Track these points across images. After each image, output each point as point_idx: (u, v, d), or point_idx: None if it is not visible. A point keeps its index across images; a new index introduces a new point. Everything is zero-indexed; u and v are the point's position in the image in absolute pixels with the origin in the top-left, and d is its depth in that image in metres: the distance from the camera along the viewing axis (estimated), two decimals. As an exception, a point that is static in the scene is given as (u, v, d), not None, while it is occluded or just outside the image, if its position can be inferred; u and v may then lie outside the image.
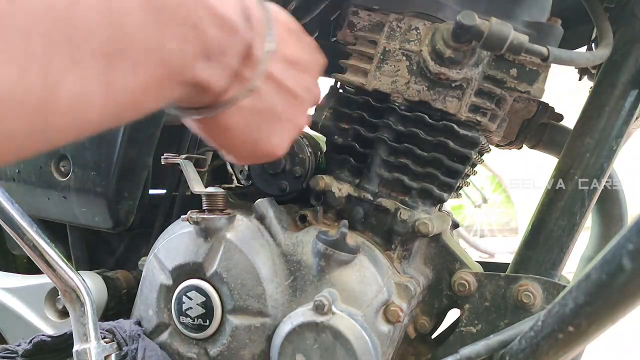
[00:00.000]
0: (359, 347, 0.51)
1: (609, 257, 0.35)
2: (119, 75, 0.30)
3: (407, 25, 0.57)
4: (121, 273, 0.77)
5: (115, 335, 0.57)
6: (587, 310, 0.38)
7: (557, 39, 0.57)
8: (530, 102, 0.74)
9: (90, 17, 0.27)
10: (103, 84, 0.29)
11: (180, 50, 0.34)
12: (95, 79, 0.28)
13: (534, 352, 0.45)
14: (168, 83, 0.34)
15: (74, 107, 0.28)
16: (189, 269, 0.58)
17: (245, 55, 0.40)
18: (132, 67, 0.30)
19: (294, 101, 0.47)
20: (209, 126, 0.45)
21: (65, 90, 0.27)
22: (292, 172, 0.62)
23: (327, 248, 0.54)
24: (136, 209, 0.73)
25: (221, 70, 0.39)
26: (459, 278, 0.60)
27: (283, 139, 0.49)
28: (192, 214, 0.57)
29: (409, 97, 0.57)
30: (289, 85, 0.46)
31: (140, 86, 0.32)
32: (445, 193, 0.59)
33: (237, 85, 0.41)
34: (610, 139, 0.61)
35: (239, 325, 0.56)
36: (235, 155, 0.49)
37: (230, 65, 0.39)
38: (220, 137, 0.46)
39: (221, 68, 0.39)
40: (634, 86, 0.61)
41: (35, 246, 0.52)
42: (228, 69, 0.39)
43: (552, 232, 0.62)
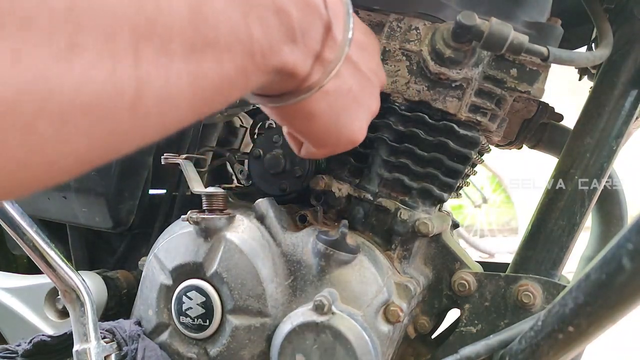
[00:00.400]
0: (359, 347, 0.51)
1: (609, 257, 0.35)
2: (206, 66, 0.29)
3: (407, 25, 0.57)
4: (121, 273, 0.77)
5: (115, 335, 0.57)
6: (587, 310, 0.38)
7: (557, 39, 0.57)
8: (530, 102, 0.74)
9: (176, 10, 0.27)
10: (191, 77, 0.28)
11: (265, 35, 0.33)
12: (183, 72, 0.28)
13: (534, 352, 0.45)
14: (254, 70, 0.33)
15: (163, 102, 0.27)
16: (189, 269, 0.58)
17: (326, 36, 0.39)
18: (218, 57, 0.30)
19: (368, 84, 0.47)
20: (292, 113, 0.43)
21: (154, 86, 0.26)
22: (292, 172, 0.62)
23: (327, 248, 0.54)
24: (136, 208, 0.73)
25: (305, 54, 0.38)
26: (459, 278, 0.60)
27: (363, 123, 0.48)
28: (192, 214, 0.57)
29: (409, 97, 0.57)
30: (362, 68, 0.45)
31: (226, 76, 0.31)
32: (445, 193, 0.59)
33: (320, 69, 0.40)
34: (610, 139, 0.61)
35: (239, 325, 0.56)
36: (319, 143, 0.47)
37: (313, 47, 0.38)
38: (305, 124, 0.44)
39: (304, 51, 0.38)
40: (634, 86, 0.61)
41: (35, 246, 0.52)
42: (312, 51, 0.38)
43: (552, 232, 0.62)
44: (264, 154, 0.63)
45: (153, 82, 0.26)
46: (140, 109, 0.26)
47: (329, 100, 0.43)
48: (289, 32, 0.35)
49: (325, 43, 0.40)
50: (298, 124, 0.45)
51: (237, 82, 0.32)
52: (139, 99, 0.25)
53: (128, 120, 0.25)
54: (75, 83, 0.22)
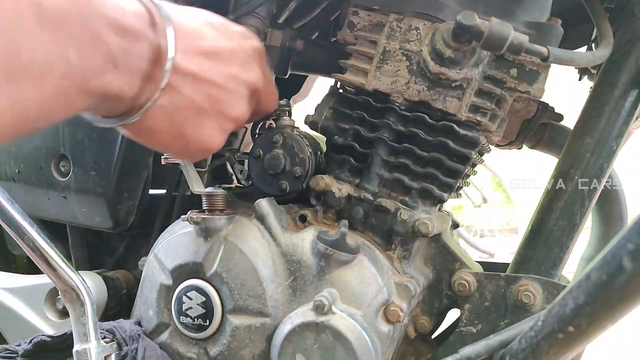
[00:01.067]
0: (359, 347, 0.51)
1: (609, 257, 0.35)
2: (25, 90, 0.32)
3: (407, 25, 0.57)
4: (121, 273, 0.77)
5: (115, 335, 0.57)
6: (587, 310, 0.38)
7: (557, 39, 0.57)
8: (530, 102, 0.74)
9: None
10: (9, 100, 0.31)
11: (82, 61, 0.35)
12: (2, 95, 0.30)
13: (534, 352, 0.45)
14: (75, 93, 0.36)
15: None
16: (189, 269, 0.58)
17: (155, 57, 0.41)
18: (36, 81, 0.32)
19: (220, 92, 0.47)
20: (135, 131, 0.45)
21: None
22: (292, 172, 0.62)
23: (327, 248, 0.54)
24: (136, 209, 0.73)
25: (130, 77, 0.39)
26: (459, 278, 0.60)
27: (215, 132, 0.49)
28: (192, 214, 0.57)
29: (409, 97, 0.57)
30: (209, 78, 0.46)
31: (46, 98, 0.33)
32: (445, 193, 0.59)
33: (151, 87, 0.42)
34: (610, 139, 0.61)
35: (239, 325, 0.56)
36: (170, 153, 0.50)
37: (140, 69, 0.40)
38: (149, 139, 0.46)
39: (130, 74, 0.39)
40: (634, 86, 0.61)
41: (35, 246, 0.52)
42: (138, 73, 0.40)
43: (552, 232, 0.62)
44: (264, 154, 0.63)
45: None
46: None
47: (167, 114, 0.44)
48: (108, 58, 0.37)
49: (155, 63, 0.41)
50: (144, 139, 0.47)
51: (59, 104, 0.35)
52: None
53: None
54: None
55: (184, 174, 0.61)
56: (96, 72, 0.36)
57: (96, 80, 0.37)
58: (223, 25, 0.50)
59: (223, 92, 0.48)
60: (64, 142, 0.72)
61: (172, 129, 0.46)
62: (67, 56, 0.34)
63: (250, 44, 0.52)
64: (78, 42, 0.34)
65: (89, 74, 0.36)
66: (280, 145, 0.63)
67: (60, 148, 0.72)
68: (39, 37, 0.32)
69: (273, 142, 0.63)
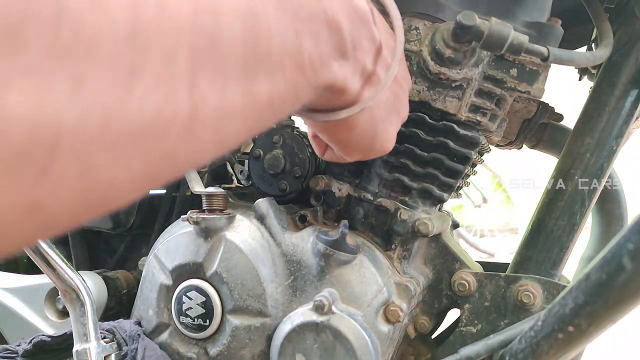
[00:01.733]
0: (359, 347, 0.51)
1: (609, 257, 0.35)
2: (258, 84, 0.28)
3: (407, 25, 0.57)
4: (121, 273, 0.77)
5: (115, 335, 0.57)
6: (587, 310, 0.38)
7: (557, 39, 0.57)
8: (530, 102, 0.74)
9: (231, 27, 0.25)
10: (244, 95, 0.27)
11: (316, 49, 0.31)
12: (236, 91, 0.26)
13: (534, 352, 0.45)
14: (304, 85, 0.32)
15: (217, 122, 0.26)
16: (189, 269, 0.58)
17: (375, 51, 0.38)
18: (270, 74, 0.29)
19: (400, 91, 0.47)
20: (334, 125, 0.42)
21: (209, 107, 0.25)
22: (292, 172, 0.62)
23: (327, 248, 0.54)
24: (136, 209, 0.73)
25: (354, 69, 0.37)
26: (459, 278, 0.60)
27: (394, 131, 0.48)
28: (192, 214, 0.57)
29: (409, 97, 0.57)
30: (397, 77, 0.45)
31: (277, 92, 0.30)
32: (445, 193, 0.59)
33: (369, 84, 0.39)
34: (610, 139, 0.61)
35: (239, 325, 0.56)
36: (352, 151, 0.47)
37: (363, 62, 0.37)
38: (344, 134, 0.44)
39: (354, 66, 0.36)
40: (634, 86, 0.61)
41: (36, 246, 0.52)
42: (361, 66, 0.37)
43: (552, 232, 0.62)
44: (264, 154, 0.63)
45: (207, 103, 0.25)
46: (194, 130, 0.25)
47: (371, 112, 0.42)
48: (340, 45, 0.34)
49: (376, 59, 0.39)
50: (338, 134, 0.44)
51: (288, 98, 0.31)
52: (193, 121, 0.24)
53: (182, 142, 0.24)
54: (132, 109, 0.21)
55: (184, 174, 0.61)
56: (327, 61, 0.33)
57: (325, 72, 0.33)
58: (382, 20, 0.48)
59: (402, 92, 0.47)
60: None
61: (370, 126, 0.43)
62: (302, 45, 0.30)
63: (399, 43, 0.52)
64: (314, 28, 0.31)
65: (320, 64, 0.32)
66: (280, 146, 0.63)
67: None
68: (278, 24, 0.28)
69: (273, 142, 0.63)
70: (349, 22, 0.34)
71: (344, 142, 0.45)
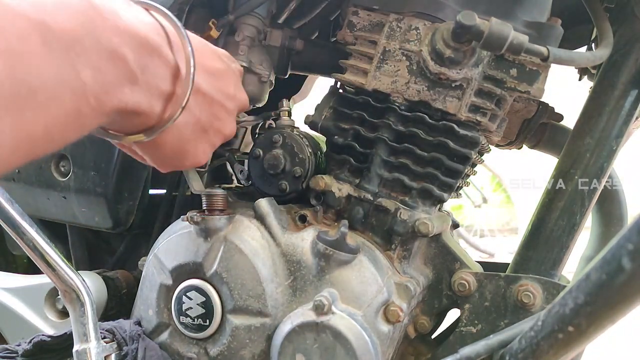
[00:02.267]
0: (359, 347, 0.51)
1: (609, 257, 0.35)
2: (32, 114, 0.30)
3: (407, 25, 0.57)
4: (121, 273, 0.77)
5: (115, 335, 0.57)
6: (587, 310, 0.38)
7: (557, 39, 0.57)
8: (530, 102, 0.74)
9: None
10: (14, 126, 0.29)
11: (97, 80, 0.34)
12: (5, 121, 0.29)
13: (534, 352, 0.45)
14: (90, 113, 0.34)
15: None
16: (189, 269, 0.58)
17: (173, 73, 0.41)
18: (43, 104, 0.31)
19: (220, 110, 0.49)
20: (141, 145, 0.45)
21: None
22: (292, 172, 0.62)
23: (327, 248, 0.54)
24: (136, 209, 0.73)
25: (149, 92, 0.39)
26: (459, 278, 0.60)
27: (208, 148, 0.50)
28: (192, 214, 0.57)
29: (409, 97, 0.57)
30: (213, 95, 0.47)
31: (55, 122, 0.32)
32: (445, 193, 0.59)
33: (169, 105, 0.41)
34: (610, 139, 0.61)
35: (239, 325, 0.56)
36: (161, 166, 0.50)
37: (158, 85, 0.40)
38: (151, 152, 0.47)
39: (149, 90, 0.39)
40: (634, 86, 0.61)
41: (35, 246, 0.52)
42: (156, 89, 0.40)
43: (552, 232, 0.62)
44: (264, 154, 0.63)
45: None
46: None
47: (179, 133, 0.45)
48: (127, 74, 0.36)
49: (173, 80, 0.41)
50: (145, 152, 0.47)
51: (71, 125, 0.34)
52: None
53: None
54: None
55: (184, 174, 0.61)
56: (112, 89, 0.35)
57: (113, 98, 0.36)
58: (214, 47, 0.51)
59: (221, 110, 0.49)
60: (64, 142, 0.72)
61: (177, 146, 0.46)
62: (80, 76, 0.33)
63: (237, 67, 0.55)
64: (92, 60, 0.33)
65: (105, 92, 0.35)
66: (280, 145, 0.63)
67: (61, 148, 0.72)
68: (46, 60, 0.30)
69: (273, 142, 0.63)
70: (134, 53, 0.36)
71: (153, 158, 0.48)
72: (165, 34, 0.41)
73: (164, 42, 0.40)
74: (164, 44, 0.40)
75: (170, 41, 0.41)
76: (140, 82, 0.38)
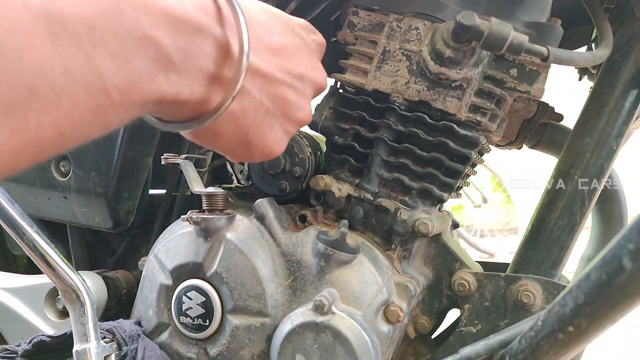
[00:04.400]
0: (358, 347, 0.51)
1: (609, 257, 0.35)
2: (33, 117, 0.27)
3: (407, 25, 0.57)
4: (121, 273, 0.77)
5: (115, 335, 0.57)
6: (587, 310, 0.38)
7: (557, 39, 0.57)
8: (530, 102, 0.74)
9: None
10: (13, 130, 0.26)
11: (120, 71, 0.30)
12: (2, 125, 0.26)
13: (534, 352, 0.45)
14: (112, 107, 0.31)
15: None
16: (189, 269, 0.58)
17: (222, 54, 0.36)
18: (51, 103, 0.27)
19: (288, 93, 0.43)
20: (198, 134, 0.41)
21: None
22: (292, 172, 0.62)
23: (327, 248, 0.54)
24: (136, 209, 0.73)
25: (191, 78, 0.35)
26: (459, 278, 0.60)
27: (279, 136, 0.45)
28: (192, 214, 0.57)
29: (409, 97, 0.57)
30: (278, 77, 0.42)
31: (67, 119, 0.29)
32: (445, 193, 0.59)
33: (220, 90, 0.37)
34: (610, 139, 0.61)
35: (239, 325, 0.56)
36: (230, 156, 0.46)
37: (203, 69, 0.36)
38: (212, 142, 0.43)
39: (191, 76, 0.35)
40: (634, 86, 0.61)
41: (35, 246, 0.52)
42: (201, 74, 0.35)
43: (552, 232, 0.62)
44: (264, 154, 0.63)
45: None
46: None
47: (235, 120, 0.40)
48: (161, 61, 0.32)
49: (223, 62, 0.36)
50: (206, 142, 0.43)
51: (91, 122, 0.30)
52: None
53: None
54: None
55: (184, 174, 0.61)
56: (142, 79, 0.31)
57: (143, 89, 0.32)
58: (287, 18, 0.45)
59: (291, 93, 0.44)
60: (64, 142, 0.72)
61: (238, 134, 0.41)
62: (96, 69, 0.29)
63: (315, 40, 0.48)
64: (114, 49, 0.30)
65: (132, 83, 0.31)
66: (280, 145, 0.63)
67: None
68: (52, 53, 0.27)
69: (273, 142, 0.63)
70: (169, 36, 0.32)
71: (215, 148, 0.44)
72: (216, 8, 0.36)
73: (212, 19, 0.35)
74: (212, 21, 0.35)
75: (222, 17, 0.36)
76: (178, 69, 0.33)
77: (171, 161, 0.62)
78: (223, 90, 0.37)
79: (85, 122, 0.30)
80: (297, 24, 0.46)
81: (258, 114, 0.42)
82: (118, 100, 0.31)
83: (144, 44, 0.31)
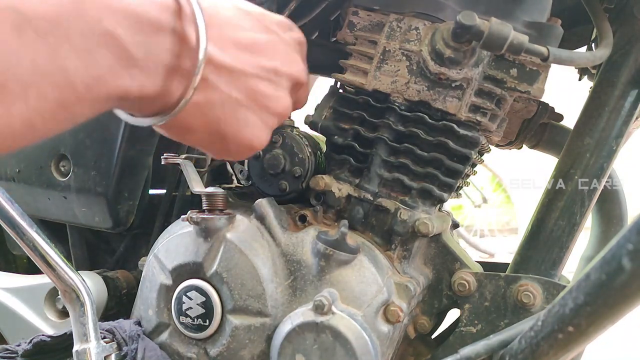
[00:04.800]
0: (358, 347, 0.51)
1: (609, 257, 0.35)
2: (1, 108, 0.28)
3: (407, 25, 0.57)
4: (121, 273, 0.77)
5: (115, 335, 0.57)
6: (587, 310, 0.38)
7: (557, 39, 0.57)
8: (530, 102, 0.74)
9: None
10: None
11: (86, 67, 0.31)
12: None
13: (534, 352, 0.45)
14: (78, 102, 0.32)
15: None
16: (189, 269, 0.58)
17: (182, 49, 0.37)
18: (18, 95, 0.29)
19: (261, 85, 0.44)
20: (169, 129, 0.42)
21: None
22: (292, 172, 0.62)
23: (327, 248, 0.54)
24: (136, 209, 0.73)
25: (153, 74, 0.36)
26: (459, 278, 0.60)
27: (257, 130, 0.45)
28: (192, 214, 0.57)
29: (409, 97, 0.57)
30: (247, 70, 0.42)
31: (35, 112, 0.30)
32: (445, 193, 0.59)
33: (182, 83, 0.38)
34: (610, 139, 0.61)
35: (239, 325, 0.56)
36: (210, 152, 0.46)
37: (165, 64, 0.37)
38: (186, 137, 0.43)
39: (153, 71, 0.36)
40: (634, 86, 0.61)
41: (35, 246, 0.52)
42: (163, 69, 0.37)
43: (552, 232, 0.62)
44: (264, 154, 0.63)
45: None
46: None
47: (203, 113, 0.41)
48: (123, 57, 0.33)
49: (183, 56, 0.37)
50: (180, 137, 0.44)
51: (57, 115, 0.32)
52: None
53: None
54: None
55: (184, 174, 0.61)
56: (106, 75, 0.33)
57: (107, 84, 0.33)
58: (261, 15, 0.46)
59: (265, 85, 0.44)
60: (64, 142, 0.72)
61: (209, 127, 0.42)
62: (62, 63, 0.30)
63: (291, 36, 0.49)
64: (78, 45, 0.31)
65: (96, 78, 0.32)
66: (280, 145, 0.63)
67: (61, 148, 0.72)
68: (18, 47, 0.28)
69: (273, 142, 0.63)
70: (131, 34, 0.34)
71: (194, 144, 0.45)
72: (177, 5, 0.37)
73: (172, 16, 0.37)
74: (172, 18, 0.36)
75: (181, 14, 0.37)
76: (140, 64, 0.35)
77: (171, 161, 0.62)
78: (184, 83, 0.38)
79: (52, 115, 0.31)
80: (273, 20, 0.47)
81: (227, 107, 0.42)
82: (83, 95, 0.32)
83: (106, 40, 0.32)
